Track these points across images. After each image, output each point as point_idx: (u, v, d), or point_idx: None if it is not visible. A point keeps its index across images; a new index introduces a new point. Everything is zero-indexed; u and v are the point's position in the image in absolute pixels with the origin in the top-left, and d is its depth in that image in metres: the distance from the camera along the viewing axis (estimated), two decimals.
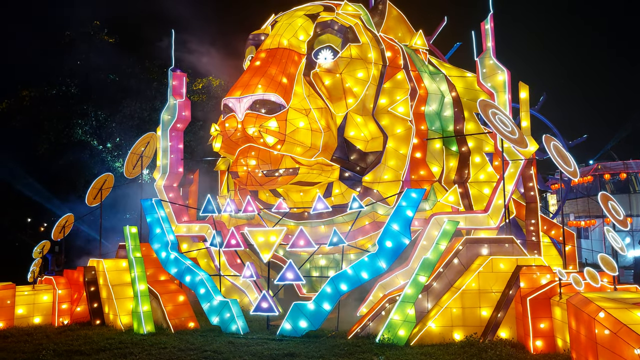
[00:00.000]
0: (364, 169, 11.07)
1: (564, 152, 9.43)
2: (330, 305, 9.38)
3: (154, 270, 11.21)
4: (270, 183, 10.42)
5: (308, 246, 9.88)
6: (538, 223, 10.40)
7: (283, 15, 12.10)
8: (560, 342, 7.89)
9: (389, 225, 9.49)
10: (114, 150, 23.76)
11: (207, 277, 10.46)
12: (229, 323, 9.84)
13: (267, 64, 10.71)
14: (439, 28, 14.08)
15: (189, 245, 12.52)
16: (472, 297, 8.83)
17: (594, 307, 6.53)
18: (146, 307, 10.07)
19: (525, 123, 10.91)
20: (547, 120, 16.90)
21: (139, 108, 23.10)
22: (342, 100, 11.12)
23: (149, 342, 9.10)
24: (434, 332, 8.74)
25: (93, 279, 11.15)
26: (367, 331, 9.18)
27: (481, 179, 11.56)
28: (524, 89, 11.24)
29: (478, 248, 9.45)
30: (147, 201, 11.44)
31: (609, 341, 6.09)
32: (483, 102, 9.83)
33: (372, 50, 11.38)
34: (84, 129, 23.47)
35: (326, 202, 10.27)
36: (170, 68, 13.28)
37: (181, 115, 13.12)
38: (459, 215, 10.26)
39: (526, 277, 8.50)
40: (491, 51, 10.99)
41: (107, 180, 13.12)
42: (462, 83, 12.44)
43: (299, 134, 10.08)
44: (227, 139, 10.43)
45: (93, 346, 8.82)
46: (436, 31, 14.22)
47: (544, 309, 8.11)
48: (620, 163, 25.00)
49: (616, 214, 8.12)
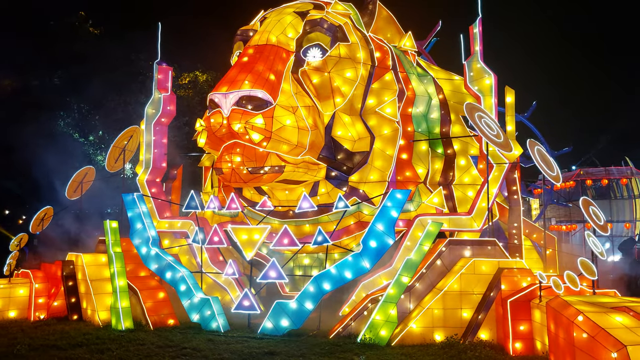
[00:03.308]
0: (350, 169, 11.06)
1: (548, 157, 9.54)
2: (312, 305, 9.35)
3: (134, 266, 11.06)
4: (255, 180, 10.35)
5: (292, 245, 9.84)
6: (520, 226, 10.50)
7: (272, 11, 12.02)
8: (539, 344, 7.96)
9: (374, 225, 9.49)
10: (96, 143, 23.43)
11: (188, 274, 10.36)
12: (210, 320, 9.75)
13: (254, 60, 10.63)
14: (434, 31, 14.11)
15: (170, 241, 12.38)
16: (454, 298, 8.87)
17: (573, 311, 6.60)
18: (125, 303, 9.93)
19: (510, 127, 11.02)
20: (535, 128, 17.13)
21: (124, 101, 22.80)
22: (330, 99, 11.09)
23: (127, 338, 8.97)
24: (415, 332, 8.76)
25: (71, 273, 10.96)
26: (348, 331, 9.17)
27: (466, 181, 11.63)
28: (510, 94, 11.35)
29: (461, 250, 9.50)
30: (129, 195, 11.29)
31: (586, 345, 6.16)
32: (470, 105, 9.89)
33: (361, 50, 11.37)
34: (65, 121, 23.10)
35: (312, 201, 10.24)
36: (156, 61, 13.11)
37: (166, 110, 12.96)
38: (443, 217, 10.30)
39: (507, 280, 8.57)
40: (479, 55, 11.06)
41: (87, 173, 12.95)
42: (450, 86, 12.51)
43: (286, 132, 10.02)
44: (212, 135, 10.32)
45: (70, 341, 8.67)
46: (431, 34, 14.26)
47: (524, 311, 8.18)
48: (602, 169, 25.40)
49: (597, 219, 8.22)
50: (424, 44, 14.09)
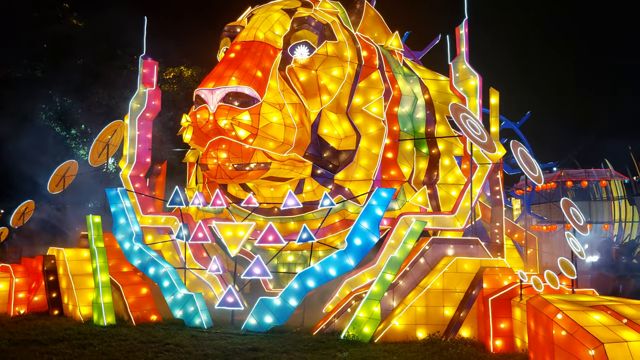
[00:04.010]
0: (336, 167, 11.10)
1: (530, 159, 9.70)
2: (296, 301, 9.38)
3: (117, 262, 10.97)
4: (241, 177, 10.33)
5: (277, 242, 9.85)
6: (502, 226, 10.65)
7: (260, 8, 12.00)
8: (519, 342, 8.10)
9: (359, 223, 9.55)
10: (79, 137, 23.13)
11: (171, 270, 10.31)
12: (193, 317, 9.72)
13: (242, 56, 10.60)
14: (432, 44, 14.21)
15: (153, 237, 12.30)
16: (437, 296, 8.97)
17: (553, 309, 6.72)
18: (107, 298, 9.84)
19: (494, 128, 11.16)
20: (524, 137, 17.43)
21: (108, 95, 22.54)
22: (316, 97, 11.12)
23: (109, 333, 8.90)
24: (398, 329, 8.85)
25: (52, 268, 10.83)
26: (332, 327, 9.22)
27: (449, 181, 11.76)
28: (495, 95, 11.50)
29: (444, 248, 9.61)
30: (112, 190, 11.19)
31: (565, 342, 6.28)
32: (455, 105, 10.00)
33: (348, 49, 11.41)
34: (47, 114, 22.76)
35: (297, 199, 10.26)
36: (141, 55, 13.00)
37: (151, 104, 12.86)
38: (427, 216, 10.40)
39: (489, 278, 8.70)
40: (464, 56, 11.18)
41: (70, 167, 12.79)
42: (435, 86, 12.62)
43: (272, 129, 10.02)
44: (197, 131, 10.27)
45: (51, 336, 8.58)
46: (428, 47, 14.38)
47: (504, 309, 8.31)
48: (582, 171, 25.87)
49: (577, 219, 8.39)
50: (420, 54, 14.21)
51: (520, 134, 17.62)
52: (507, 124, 17.82)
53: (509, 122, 17.81)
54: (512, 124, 17.81)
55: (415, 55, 13.95)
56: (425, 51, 14.41)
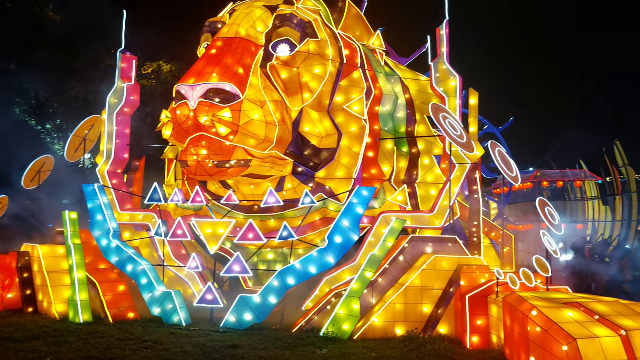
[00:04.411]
0: (317, 165, 11.12)
1: (508, 159, 9.87)
2: (276, 299, 9.38)
3: (93, 259, 10.82)
4: (221, 174, 10.28)
5: (257, 239, 9.84)
6: (480, 225, 10.81)
7: (242, 4, 11.94)
8: (495, 338, 8.25)
9: (339, 221, 9.60)
10: (54, 132, 22.68)
11: (150, 267, 10.21)
12: (171, 314, 9.65)
13: (223, 53, 10.54)
14: (420, 51, 14.30)
15: (131, 234, 12.15)
16: (415, 293, 9.08)
17: (528, 306, 6.87)
18: (84, 295, 9.70)
19: (473, 128, 11.32)
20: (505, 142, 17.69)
21: (84, 90, 22.14)
22: (298, 94, 11.11)
23: (85, 331, 8.78)
24: (377, 326, 8.93)
25: (27, 264, 10.64)
26: (312, 325, 9.25)
27: (429, 180, 11.89)
28: (474, 96, 11.65)
29: (423, 246, 9.72)
30: (90, 186, 11.01)
31: (540, 338, 6.42)
32: (435, 106, 10.11)
33: (330, 47, 11.43)
34: (22, 108, 22.26)
35: (278, 196, 10.26)
36: (119, 50, 12.82)
37: (129, 100, 12.68)
38: (407, 215, 10.51)
39: (466, 276, 8.83)
40: (445, 57, 11.30)
41: (46, 162, 12.55)
42: (416, 86, 12.74)
43: (253, 126, 9.99)
44: (177, 127, 10.18)
45: (26, 334, 8.42)
46: (416, 53, 14.46)
47: (481, 306, 8.45)
48: (558, 171, 26.39)
49: (552, 219, 8.58)
50: (407, 61, 14.29)
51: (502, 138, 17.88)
52: (490, 129, 18.04)
53: (492, 127, 18.04)
54: (495, 128, 18.06)
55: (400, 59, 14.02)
56: (412, 58, 14.53)
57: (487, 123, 18.01)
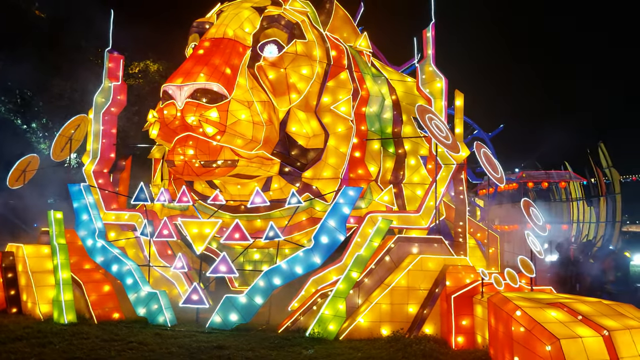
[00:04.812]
0: (304, 165, 11.13)
1: (493, 160, 9.97)
2: (262, 299, 9.38)
3: (78, 259, 10.72)
4: (208, 174, 10.25)
5: (243, 239, 9.82)
6: (465, 225, 10.90)
7: (229, 5, 11.92)
8: (479, 338, 8.33)
9: (326, 221, 9.62)
10: (40, 130, 22.43)
11: (135, 267, 10.14)
12: (157, 315, 9.60)
13: (210, 53, 10.51)
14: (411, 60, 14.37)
15: (117, 233, 12.07)
16: (401, 293, 9.13)
17: (512, 306, 6.94)
18: (68, 296, 9.62)
19: (459, 130, 11.41)
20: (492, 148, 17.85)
21: (70, 88, 21.93)
22: (285, 95, 11.12)
23: (69, 332, 8.70)
24: (363, 327, 8.96)
25: (11, 264, 10.52)
26: (297, 325, 9.26)
27: (415, 180, 11.96)
28: (460, 97, 11.75)
29: (409, 247, 9.77)
30: (75, 186, 10.92)
31: (523, 338, 6.50)
32: (421, 107, 10.18)
33: (317, 48, 11.45)
34: (6, 106, 21.99)
35: (264, 196, 10.25)
36: (107, 49, 12.72)
37: (116, 99, 12.61)
38: (393, 215, 10.56)
39: (452, 276, 8.90)
40: (431, 58, 11.39)
41: (31, 161, 12.42)
42: (403, 87, 12.81)
43: (240, 126, 9.98)
44: (164, 127, 10.13)
45: (9, 335, 8.32)
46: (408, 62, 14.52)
47: (466, 306, 8.52)
48: (543, 173, 26.67)
49: (536, 219, 8.68)
50: (400, 69, 14.35)
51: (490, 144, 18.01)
52: (479, 133, 18.16)
53: (481, 132, 18.16)
54: (485, 134, 18.19)
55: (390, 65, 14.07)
56: (403, 67, 14.60)
57: (477, 128, 18.14)
